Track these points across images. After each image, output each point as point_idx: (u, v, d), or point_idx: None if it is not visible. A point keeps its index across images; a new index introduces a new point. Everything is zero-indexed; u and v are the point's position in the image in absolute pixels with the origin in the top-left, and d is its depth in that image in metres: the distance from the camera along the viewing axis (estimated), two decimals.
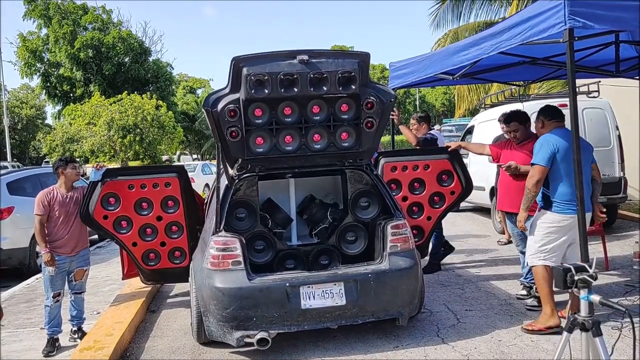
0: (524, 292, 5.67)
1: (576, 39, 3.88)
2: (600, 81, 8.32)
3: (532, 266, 4.79)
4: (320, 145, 4.91)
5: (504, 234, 8.45)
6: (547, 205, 4.71)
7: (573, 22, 3.66)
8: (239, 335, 4.39)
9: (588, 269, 2.62)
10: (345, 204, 5.39)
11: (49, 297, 5.04)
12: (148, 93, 29.61)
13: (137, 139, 25.18)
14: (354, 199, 5.25)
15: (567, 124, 4.33)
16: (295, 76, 4.50)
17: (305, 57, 4.52)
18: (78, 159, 26.41)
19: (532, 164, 4.66)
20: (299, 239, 5.51)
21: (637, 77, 7.28)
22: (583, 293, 2.67)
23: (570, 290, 2.69)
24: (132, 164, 26.14)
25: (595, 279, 2.64)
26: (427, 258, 6.92)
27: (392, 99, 5.00)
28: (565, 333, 2.77)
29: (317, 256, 5.24)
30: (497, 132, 7.67)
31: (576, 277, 2.63)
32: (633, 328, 2.62)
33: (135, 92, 28.16)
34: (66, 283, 5.23)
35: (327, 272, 4.67)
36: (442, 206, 5.94)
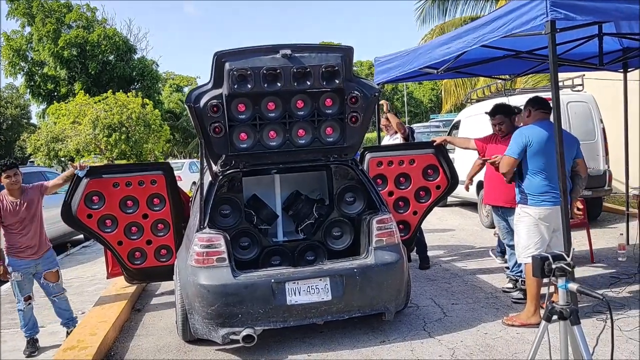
0: (510, 285, 5.69)
1: (558, 30, 3.89)
2: (584, 75, 8.37)
3: (525, 263, 4.80)
4: (305, 141, 4.89)
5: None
6: (524, 199, 4.74)
7: (555, 14, 3.67)
8: (224, 332, 4.35)
9: (566, 257, 2.63)
10: (331, 200, 5.37)
11: (20, 300, 5.01)
12: (133, 91, 29.36)
13: (123, 137, 24.96)
14: (339, 194, 5.24)
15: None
16: (279, 71, 4.47)
17: (288, 52, 4.49)
18: (63, 158, 26.13)
19: (504, 155, 4.72)
20: (284, 235, 5.49)
21: (621, 70, 7.35)
22: (561, 281, 2.69)
23: (549, 279, 2.70)
24: (118, 162, 25.91)
25: (573, 267, 2.66)
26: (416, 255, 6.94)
27: (376, 94, 4.99)
28: (543, 322, 2.79)
29: (303, 252, 5.23)
30: (484, 127, 7.68)
31: (554, 266, 2.65)
32: (611, 315, 2.65)
33: (121, 91, 27.90)
34: (48, 288, 5.16)
35: (312, 267, 4.65)
36: (428, 201, 5.93)
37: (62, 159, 26.61)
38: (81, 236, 10.53)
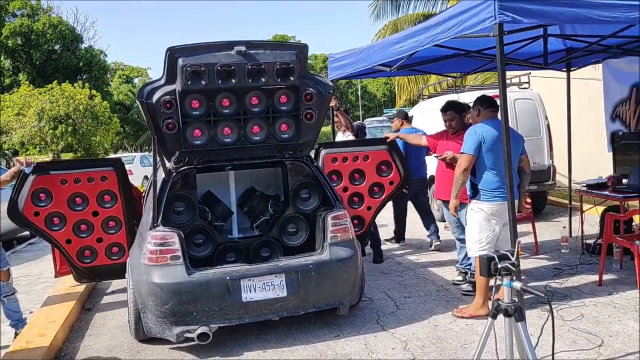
0: (460, 277, 5.87)
1: (506, 33, 4.01)
2: (530, 73, 8.65)
3: (475, 257, 4.94)
4: (260, 137, 4.90)
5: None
6: (475, 194, 4.89)
7: (503, 17, 3.77)
8: (178, 330, 4.32)
9: (510, 257, 2.75)
10: (286, 196, 5.39)
11: None
12: (80, 82, 28.50)
13: (70, 130, 24.20)
14: (294, 190, 5.26)
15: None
16: (233, 67, 4.44)
17: (243, 48, 4.46)
18: (7, 151, 25.12)
19: (461, 153, 4.83)
20: (239, 232, 5.48)
21: (565, 69, 7.64)
22: (506, 280, 2.81)
23: (494, 278, 2.82)
24: (65, 156, 25.12)
25: (517, 266, 2.79)
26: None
27: (331, 91, 5.03)
28: (489, 319, 2.90)
29: (258, 249, 5.24)
30: (436, 122, 7.85)
31: (499, 265, 2.77)
32: (551, 311, 2.79)
33: (67, 81, 27.03)
34: None
35: (267, 264, 4.66)
36: (382, 196, 6.02)
37: (6, 152, 25.59)
38: (27, 233, 10.17)
